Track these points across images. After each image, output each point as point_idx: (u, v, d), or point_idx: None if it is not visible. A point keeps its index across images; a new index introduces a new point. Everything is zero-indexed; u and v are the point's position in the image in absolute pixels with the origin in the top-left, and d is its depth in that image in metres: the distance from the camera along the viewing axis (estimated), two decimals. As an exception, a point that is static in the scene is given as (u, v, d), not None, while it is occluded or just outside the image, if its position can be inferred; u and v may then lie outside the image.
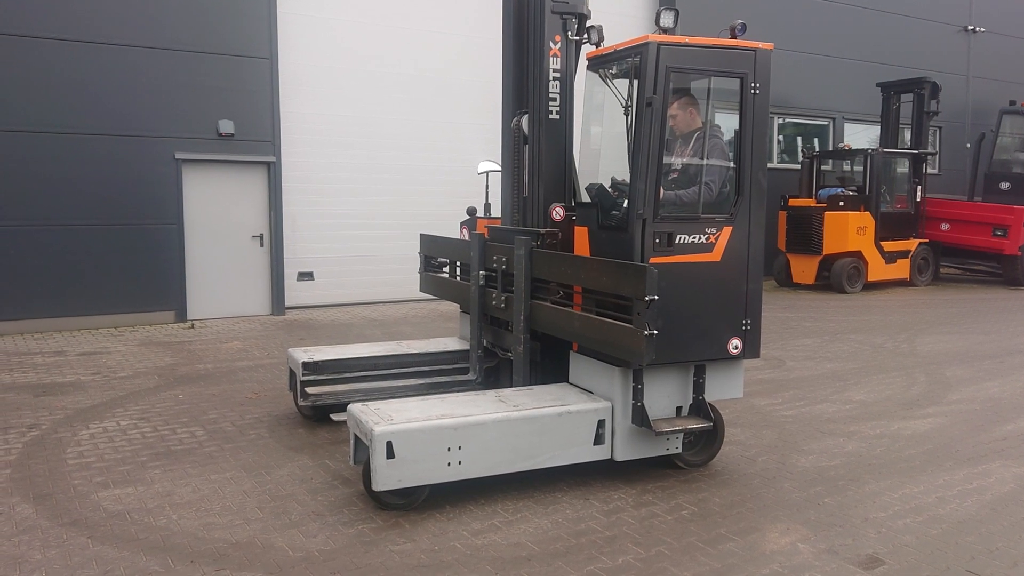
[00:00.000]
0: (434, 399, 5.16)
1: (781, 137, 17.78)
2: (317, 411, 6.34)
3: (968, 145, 18.31)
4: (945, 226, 16.36)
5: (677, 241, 4.98)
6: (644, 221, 4.90)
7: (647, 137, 4.92)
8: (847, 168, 16.07)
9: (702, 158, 5.23)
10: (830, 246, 14.71)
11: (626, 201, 5.17)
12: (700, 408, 5.22)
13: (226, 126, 11.20)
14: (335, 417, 5.67)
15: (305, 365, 6.21)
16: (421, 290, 7.49)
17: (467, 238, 6.89)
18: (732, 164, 5.26)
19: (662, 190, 5.05)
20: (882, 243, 15.20)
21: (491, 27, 13.93)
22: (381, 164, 12.87)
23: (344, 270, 12.64)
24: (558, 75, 5.87)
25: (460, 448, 4.65)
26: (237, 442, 5.95)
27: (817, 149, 17.34)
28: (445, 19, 13.25)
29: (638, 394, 5.02)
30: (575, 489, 5.00)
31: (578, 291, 5.31)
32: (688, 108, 5.48)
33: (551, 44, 5.84)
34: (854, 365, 8.68)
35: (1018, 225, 15.57)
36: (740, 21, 5.20)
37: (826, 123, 18.22)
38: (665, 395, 5.17)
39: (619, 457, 5.10)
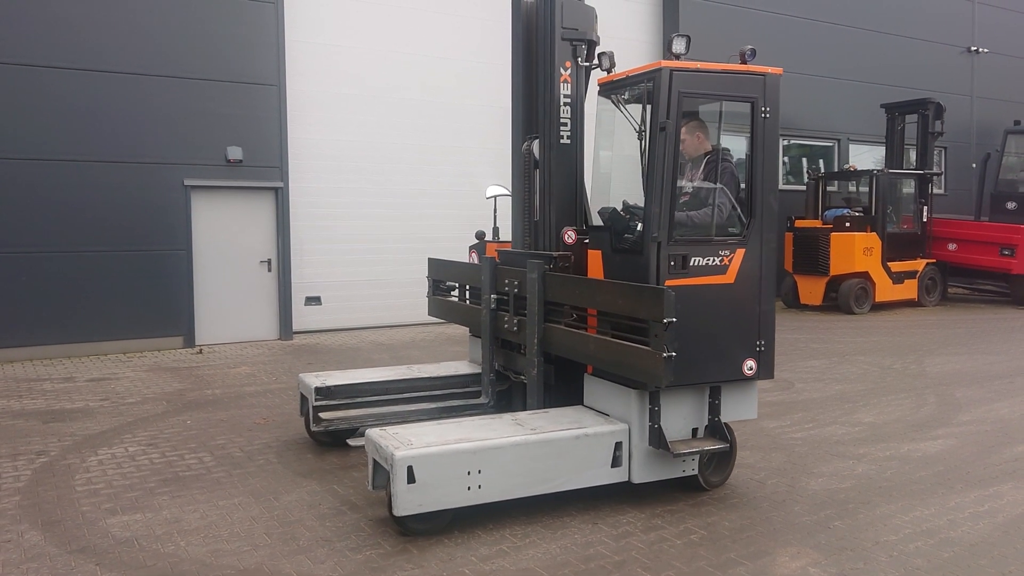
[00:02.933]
0: (450, 423, 5.18)
1: (786, 158, 17.83)
2: (330, 436, 6.32)
3: (974, 165, 18.33)
4: (952, 246, 16.33)
5: (692, 263, 5.03)
6: (659, 244, 4.96)
7: (661, 161, 5.00)
8: (853, 189, 16.08)
9: (714, 181, 5.28)
10: (837, 267, 14.70)
11: (639, 224, 5.24)
12: (716, 429, 5.24)
13: (234, 152, 11.31)
14: (352, 442, 5.69)
15: (318, 390, 6.20)
16: (430, 314, 7.52)
17: (476, 262, 6.90)
18: (742, 186, 5.34)
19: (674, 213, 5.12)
20: (889, 263, 15.18)
21: (497, 52, 14.07)
22: (388, 189, 12.96)
23: (352, 294, 12.69)
24: (568, 100, 5.94)
25: (480, 472, 4.66)
26: (245, 468, 5.95)
27: (823, 170, 17.37)
28: (451, 45, 13.39)
29: (655, 416, 5.03)
30: (584, 513, 4.98)
31: (592, 314, 5.35)
32: (696, 132, 5.54)
33: (562, 70, 5.91)
34: (863, 387, 8.65)
35: (1025, 245, 15.55)
36: (750, 47, 5.28)
37: (831, 144, 18.27)
38: (681, 417, 5.19)
39: (636, 479, 5.11)
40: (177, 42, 10.96)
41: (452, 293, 7.29)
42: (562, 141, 5.92)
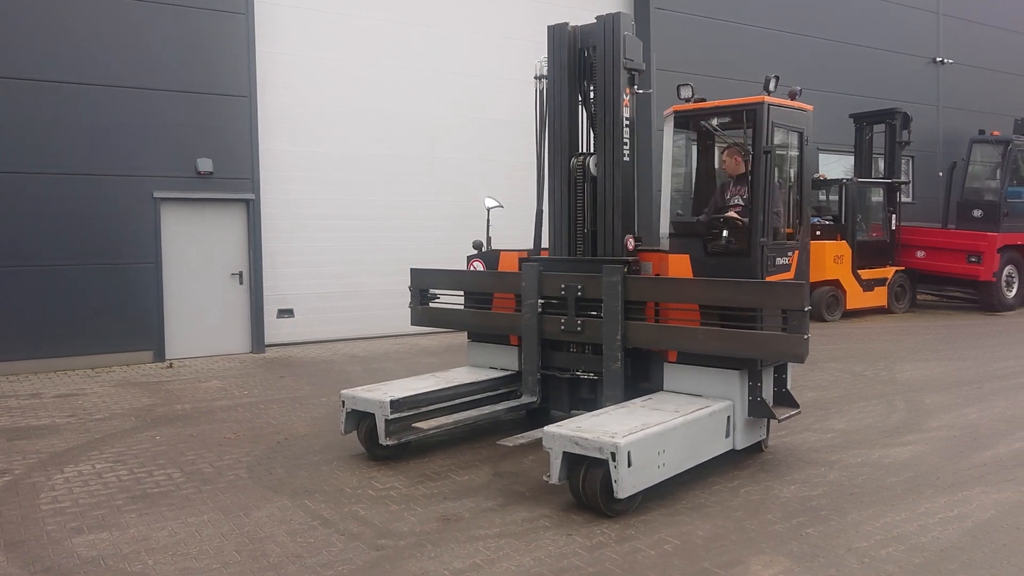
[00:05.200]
0: (611, 413, 5.68)
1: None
2: (394, 450, 6.33)
3: (940, 174, 18.61)
4: (921, 254, 16.57)
5: (777, 263, 6.11)
6: (762, 247, 5.96)
7: (763, 178, 6.01)
8: (823, 198, 16.27)
9: (765, 195, 6.13)
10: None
11: (724, 232, 6.22)
12: (787, 398, 6.35)
13: (205, 164, 11.20)
14: (509, 442, 5.88)
15: (393, 404, 6.15)
16: (415, 324, 7.74)
17: (478, 271, 7.48)
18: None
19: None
20: (859, 271, 15.37)
21: (474, 65, 14.16)
22: (361, 200, 12.90)
23: (324, 306, 12.59)
24: (629, 123, 6.61)
25: (663, 452, 5.26)
26: (215, 484, 5.86)
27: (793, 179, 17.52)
28: (425, 57, 13.39)
29: (755, 391, 5.97)
30: (558, 527, 4.96)
31: (681, 308, 6.08)
32: (734, 156, 6.59)
33: (624, 96, 6.56)
34: (835, 393, 8.72)
35: (991, 251, 15.80)
36: (798, 88, 6.49)
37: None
38: (766, 390, 6.10)
39: (739, 446, 6.00)
40: (146, 54, 10.85)
41: (438, 301, 7.54)
42: (624, 159, 6.58)
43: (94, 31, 10.54)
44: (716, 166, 7.34)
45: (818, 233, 14.81)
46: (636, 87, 6.69)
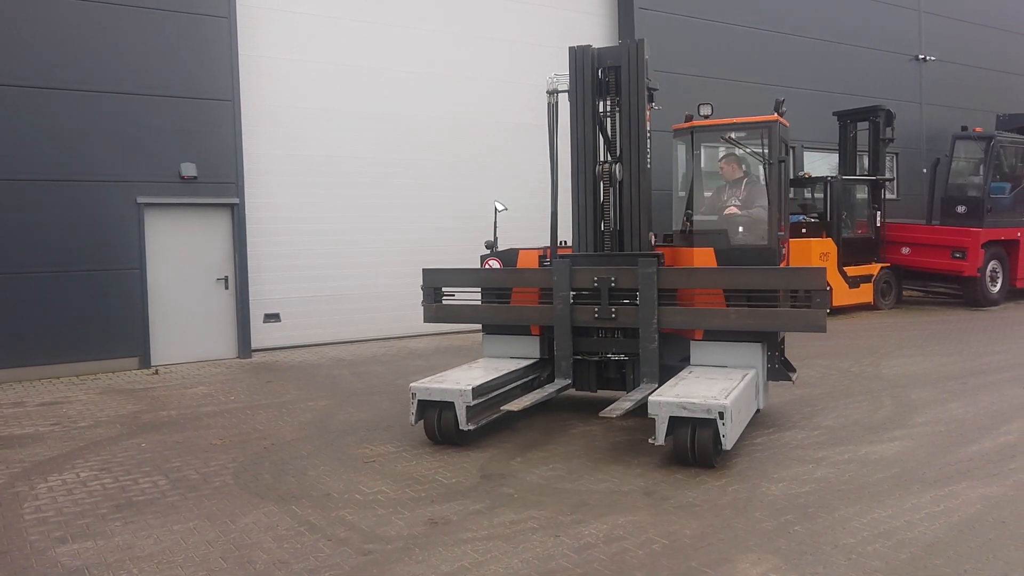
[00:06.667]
0: (687, 382, 6.60)
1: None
2: (469, 434, 6.85)
3: (924, 170, 18.73)
4: (905, 250, 16.67)
5: (782, 253, 7.47)
6: (779, 239, 7.36)
7: (777, 184, 7.46)
8: (808, 195, 16.34)
9: (764, 195, 7.52)
10: (794, 272, 14.85)
11: (740, 228, 7.62)
12: (788, 363, 7.68)
13: (188, 169, 11.14)
14: (611, 412, 6.36)
15: (475, 391, 6.72)
16: (429, 321, 8.16)
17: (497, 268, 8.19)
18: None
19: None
20: (845, 268, 15.43)
21: (458, 67, 14.12)
22: (347, 204, 12.86)
23: (311, 310, 12.54)
24: (649, 135, 7.45)
25: (741, 410, 6.26)
26: (201, 490, 5.82)
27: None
28: (411, 59, 13.37)
29: (773, 359, 7.29)
30: (545, 528, 4.95)
31: (707, 294, 7.10)
32: (732, 163, 7.88)
33: (647, 112, 7.41)
34: (821, 390, 8.75)
35: (975, 247, 15.91)
36: (782, 98, 7.90)
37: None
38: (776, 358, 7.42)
39: (760, 406, 7.27)
40: (128, 58, 10.79)
41: (452, 299, 8.06)
42: (647, 165, 7.40)
43: (74, 36, 10.46)
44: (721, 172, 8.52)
45: (804, 231, 14.88)
46: (653, 104, 7.60)
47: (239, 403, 8.71)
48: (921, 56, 20.80)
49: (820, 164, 18.26)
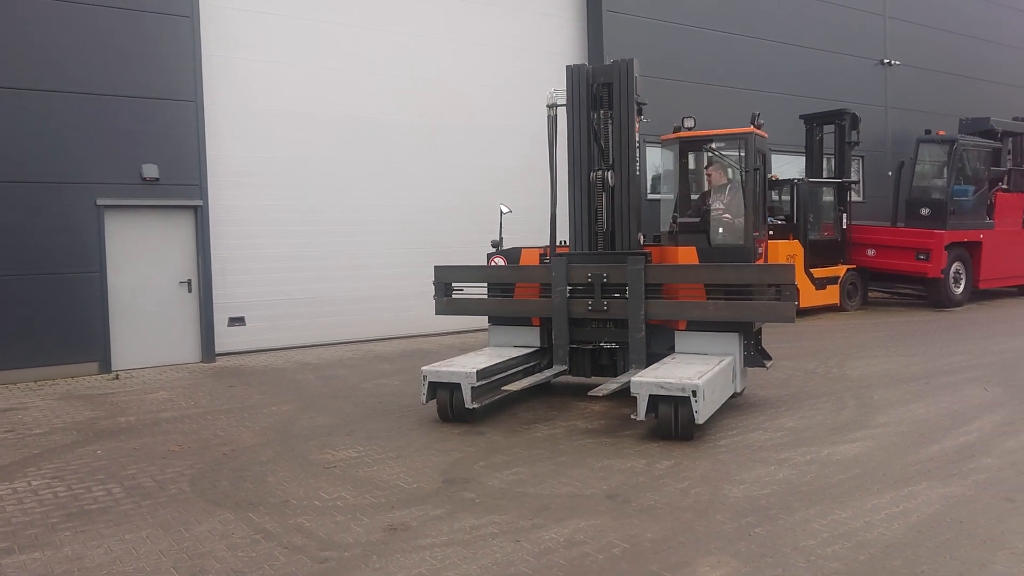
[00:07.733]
0: (666, 365, 7.36)
1: (711, 169, 18.13)
2: (474, 412, 7.59)
3: (889, 173, 18.93)
4: (871, 252, 16.84)
5: (759, 252, 8.33)
6: (756, 240, 8.25)
7: (752, 188, 8.48)
8: (775, 198, 16.45)
9: (741, 200, 8.57)
10: (762, 274, 14.94)
11: (720, 228, 8.64)
12: (764, 352, 8.36)
13: (150, 170, 10.95)
14: (599, 392, 7.06)
15: (479, 373, 7.45)
16: (440, 313, 8.83)
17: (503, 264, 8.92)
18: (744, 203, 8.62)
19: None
20: (812, 270, 15.56)
21: (425, 68, 14.02)
22: (313, 206, 12.73)
23: (276, 314, 12.39)
24: (639, 145, 8.19)
25: (715, 391, 6.96)
26: (156, 498, 5.70)
27: (746, 180, 17.69)
28: (379, 61, 13.27)
29: (750, 347, 7.98)
30: (505, 533, 4.90)
31: (689, 288, 7.83)
32: (717, 170, 8.94)
33: (637, 124, 8.12)
34: (786, 391, 8.79)
35: (939, 249, 16.12)
36: (758, 111, 8.82)
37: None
38: (754, 347, 8.15)
39: (737, 390, 7.85)
40: (87, 57, 10.58)
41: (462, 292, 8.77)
42: (636, 173, 8.12)
43: (32, 34, 10.24)
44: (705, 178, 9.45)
45: (771, 233, 14.94)
46: (642, 116, 8.26)
47: (200, 408, 8.56)
48: (886, 61, 21.06)
49: (787, 167, 18.40)
